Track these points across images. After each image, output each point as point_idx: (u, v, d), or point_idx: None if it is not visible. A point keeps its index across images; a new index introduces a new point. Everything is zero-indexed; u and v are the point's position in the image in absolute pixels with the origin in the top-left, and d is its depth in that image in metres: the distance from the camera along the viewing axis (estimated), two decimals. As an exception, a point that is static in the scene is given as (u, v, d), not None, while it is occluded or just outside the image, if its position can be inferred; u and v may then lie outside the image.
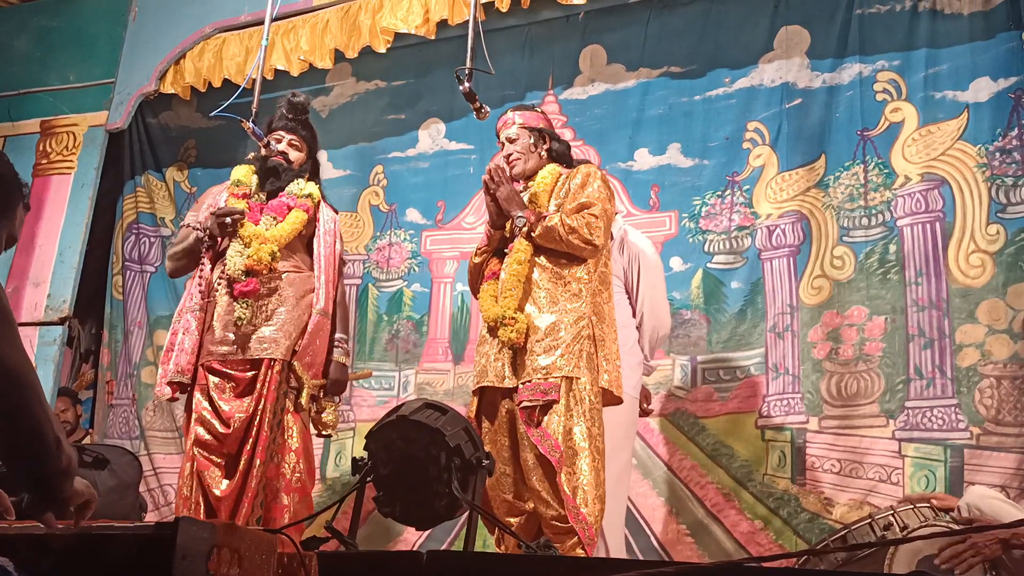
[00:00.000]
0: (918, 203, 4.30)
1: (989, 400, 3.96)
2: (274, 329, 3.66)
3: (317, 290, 3.78)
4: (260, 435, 3.53)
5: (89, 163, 5.81)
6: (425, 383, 5.16)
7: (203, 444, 3.57)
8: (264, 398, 3.57)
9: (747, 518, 4.26)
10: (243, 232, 3.69)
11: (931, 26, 4.46)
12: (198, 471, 3.56)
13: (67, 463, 1.74)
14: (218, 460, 3.58)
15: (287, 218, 3.79)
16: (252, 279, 3.65)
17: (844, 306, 4.34)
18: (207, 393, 3.62)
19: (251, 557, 1.68)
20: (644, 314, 3.77)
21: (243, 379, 3.62)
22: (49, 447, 1.71)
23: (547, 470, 3.13)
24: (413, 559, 2.13)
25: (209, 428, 3.57)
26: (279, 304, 3.70)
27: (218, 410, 3.58)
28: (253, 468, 3.50)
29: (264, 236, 3.69)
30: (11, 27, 6.28)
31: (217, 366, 3.64)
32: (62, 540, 1.73)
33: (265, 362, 3.62)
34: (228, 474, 3.56)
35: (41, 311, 5.52)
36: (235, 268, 3.65)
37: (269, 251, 3.65)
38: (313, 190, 3.90)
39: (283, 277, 3.74)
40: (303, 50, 5.36)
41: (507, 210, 3.43)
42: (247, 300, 3.65)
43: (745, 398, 4.44)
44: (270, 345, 3.63)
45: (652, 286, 3.81)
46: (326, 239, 3.88)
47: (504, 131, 3.60)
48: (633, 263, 3.79)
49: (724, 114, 4.85)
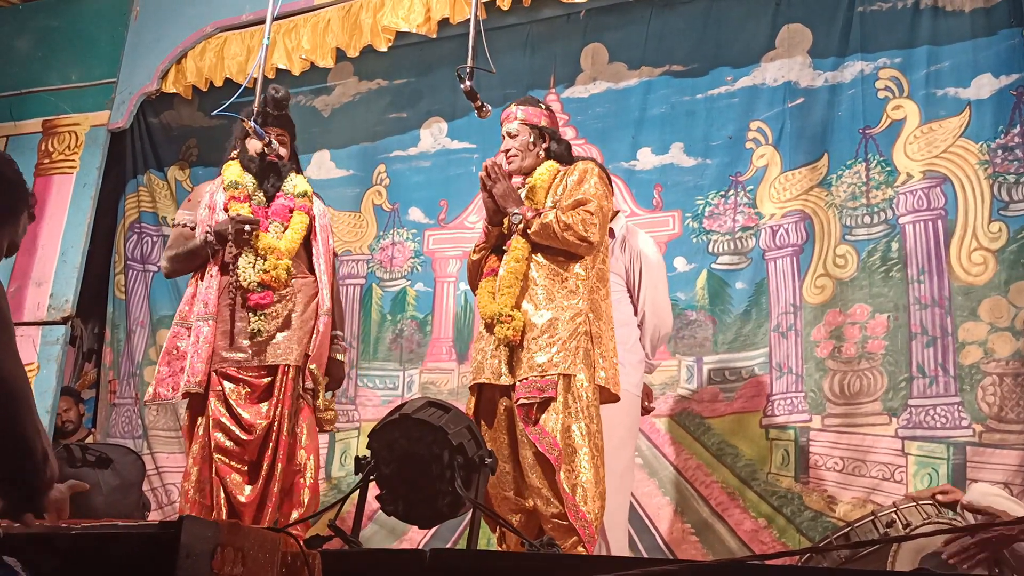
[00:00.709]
0: (920, 201, 4.29)
1: (992, 398, 3.96)
2: (287, 335, 3.69)
3: (321, 291, 3.80)
4: (280, 440, 3.57)
5: (91, 163, 5.82)
6: (429, 382, 5.16)
7: (224, 451, 3.58)
8: (282, 404, 3.60)
9: (751, 516, 4.26)
10: (257, 243, 3.70)
11: (933, 23, 4.45)
12: (220, 476, 3.56)
13: (51, 476, 1.75)
14: (239, 466, 3.60)
15: (292, 225, 3.81)
16: (268, 292, 3.67)
17: (847, 304, 4.34)
18: (224, 400, 3.63)
19: (255, 556, 1.68)
20: (645, 313, 3.76)
21: (259, 385, 3.65)
22: (36, 461, 1.71)
23: (546, 468, 3.13)
24: (416, 557, 2.14)
25: (229, 434, 3.58)
26: (291, 310, 3.73)
27: (238, 417, 3.59)
28: (275, 473, 3.54)
29: (280, 251, 3.71)
30: (13, 27, 6.29)
31: (233, 372, 3.65)
32: (67, 540, 1.73)
33: (281, 368, 3.65)
34: (250, 480, 3.59)
35: (44, 311, 5.53)
36: (249, 280, 3.66)
37: (286, 267, 3.69)
38: (307, 187, 3.92)
39: (292, 284, 3.76)
40: (304, 49, 5.37)
41: (504, 207, 3.43)
42: (263, 312, 3.65)
43: (750, 398, 4.44)
44: (284, 351, 3.67)
45: (654, 285, 3.80)
46: (322, 235, 3.89)
47: (506, 125, 3.60)
48: (635, 262, 3.78)
49: (726, 113, 4.85)
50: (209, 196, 3.93)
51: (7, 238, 1.98)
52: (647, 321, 3.76)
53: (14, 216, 1.99)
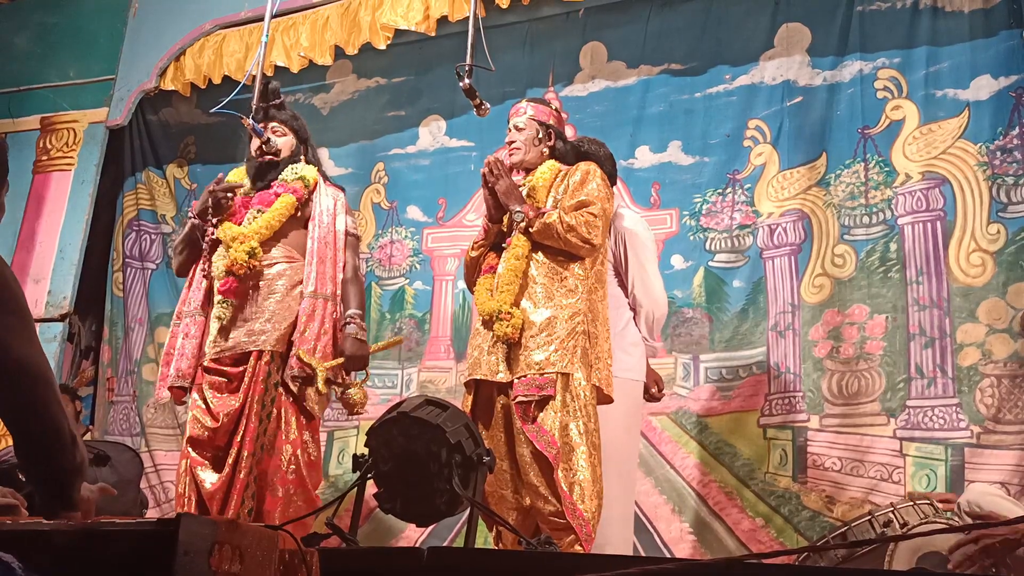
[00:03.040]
0: (919, 201, 4.30)
1: (990, 399, 3.96)
2: (263, 321, 3.62)
3: (308, 274, 3.69)
4: (248, 427, 3.49)
5: (89, 160, 5.82)
6: (427, 381, 5.16)
7: (194, 441, 3.56)
8: (251, 390, 3.54)
9: (749, 516, 4.26)
10: (224, 235, 3.65)
11: (932, 24, 4.46)
12: (191, 467, 3.56)
13: (81, 460, 1.77)
14: (208, 454, 3.56)
15: (272, 206, 3.72)
16: (229, 278, 3.61)
17: (845, 304, 4.34)
18: (202, 392, 3.62)
19: (252, 554, 1.68)
20: (636, 296, 3.66)
21: (235, 374, 3.60)
22: (65, 442, 1.73)
23: (543, 466, 3.13)
24: (414, 556, 2.13)
25: (201, 424, 3.56)
26: (268, 296, 3.66)
27: (208, 406, 3.57)
28: (241, 460, 3.47)
29: (244, 235, 3.64)
30: (12, 23, 6.28)
31: (212, 365, 3.63)
32: (63, 536, 1.73)
33: (253, 354, 3.59)
34: (217, 468, 3.54)
35: (42, 308, 5.52)
36: (218, 271, 3.65)
37: (247, 250, 3.59)
38: (307, 172, 3.83)
39: (274, 268, 3.70)
40: (303, 47, 5.37)
41: (505, 204, 3.43)
42: (228, 300, 3.63)
43: (747, 397, 4.44)
44: (257, 337, 3.61)
45: (641, 264, 3.68)
46: (322, 219, 3.78)
47: (514, 118, 3.61)
48: (620, 242, 3.68)
49: (725, 111, 4.85)
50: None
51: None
52: (640, 305, 3.66)
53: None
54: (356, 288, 3.80)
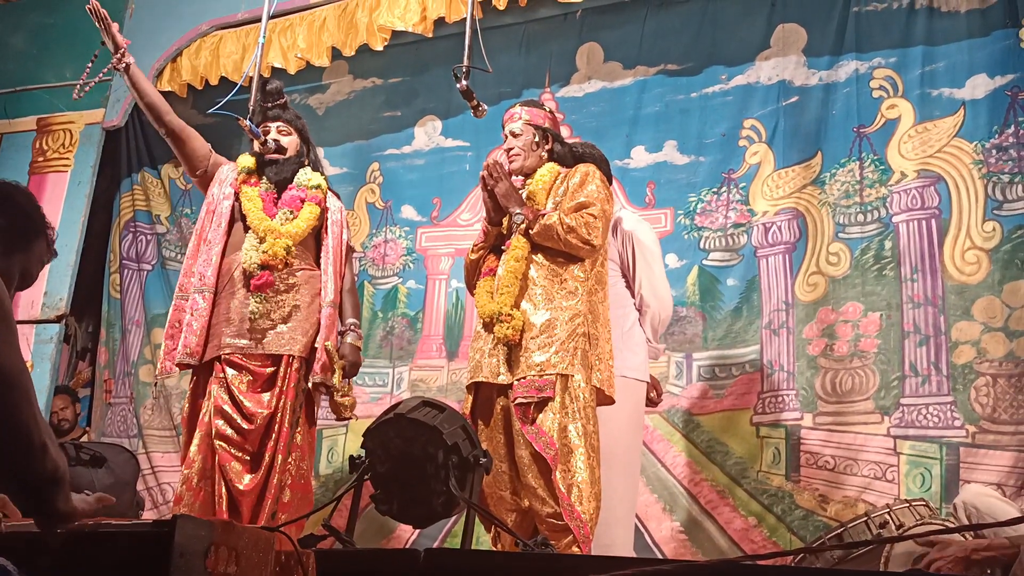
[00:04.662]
0: (914, 200, 4.31)
1: (985, 398, 3.97)
2: (291, 327, 3.68)
3: (325, 283, 3.78)
4: (282, 431, 3.57)
5: (86, 161, 5.80)
6: (419, 379, 5.16)
7: (225, 438, 3.56)
8: (284, 395, 3.60)
9: (741, 515, 4.27)
10: (258, 225, 3.70)
11: (928, 23, 4.47)
12: (220, 464, 3.56)
13: (54, 469, 1.70)
14: (240, 455, 3.58)
15: (301, 213, 3.78)
16: (266, 273, 3.66)
17: (839, 302, 4.35)
18: (226, 387, 3.61)
19: (248, 555, 1.69)
20: (643, 297, 3.71)
21: (262, 374, 3.63)
22: (34, 451, 1.67)
23: (542, 467, 3.13)
24: (410, 557, 2.14)
25: (231, 422, 3.56)
26: (296, 302, 3.72)
27: (240, 405, 3.58)
28: (276, 464, 3.53)
29: (279, 231, 3.70)
30: (7, 24, 6.27)
31: (237, 360, 3.64)
32: (60, 539, 1.73)
33: (285, 359, 3.64)
34: (251, 469, 3.58)
35: (38, 309, 5.51)
36: (251, 261, 3.66)
37: (284, 246, 3.66)
38: (321, 181, 3.90)
39: (298, 275, 3.75)
40: (300, 48, 5.36)
41: (505, 206, 3.43)
42: (262, 295, 3.66)
43: (740, 395, 4.44)
44: (289, 342, 3.65)
45: (648, 266, 3.74)
46: (333, 229, 3.87)
47: (509, 124, 3.60)
48: (627, 245, 3.73)
49: (720, 111, 4.86)
50: (224, 174, 3.93)
51: (18, 266, 1.96)
52: (648, 307, 3.71)
53: (27, 243, 1.97)
54: (352, 299, 3.92)
